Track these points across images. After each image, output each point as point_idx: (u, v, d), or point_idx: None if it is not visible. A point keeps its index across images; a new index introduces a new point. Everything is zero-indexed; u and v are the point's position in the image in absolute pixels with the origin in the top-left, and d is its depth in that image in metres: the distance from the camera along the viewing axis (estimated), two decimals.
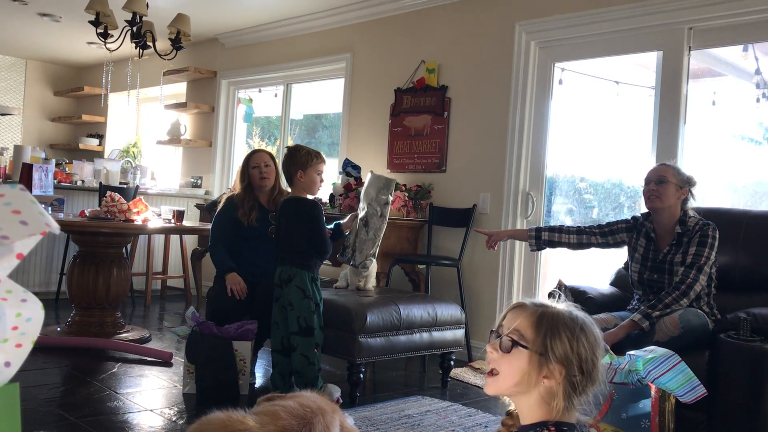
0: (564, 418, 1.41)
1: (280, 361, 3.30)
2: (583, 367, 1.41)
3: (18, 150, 5.74)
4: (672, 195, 3.03)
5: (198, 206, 6.41)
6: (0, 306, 0.85)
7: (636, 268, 3.16)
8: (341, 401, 3.23)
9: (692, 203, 3.11)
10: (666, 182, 3.03)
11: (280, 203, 3.40)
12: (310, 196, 3.36)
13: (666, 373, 2.31)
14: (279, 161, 3.86)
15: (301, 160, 3.28)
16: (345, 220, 3.61)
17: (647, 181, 3.10)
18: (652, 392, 2.37)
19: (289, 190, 3.53)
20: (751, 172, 4.16)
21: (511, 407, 1.53)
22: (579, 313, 1.47)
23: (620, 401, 2.33)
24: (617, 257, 3.79)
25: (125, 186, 6.01)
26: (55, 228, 0.80)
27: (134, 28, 4.65)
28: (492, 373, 1.46)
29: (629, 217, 3.29)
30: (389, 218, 4.58)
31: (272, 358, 3.34)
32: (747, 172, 4.17)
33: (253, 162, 3.79)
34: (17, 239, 0.75)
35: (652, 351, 2.40)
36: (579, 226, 3.33)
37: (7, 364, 0.90)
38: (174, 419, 2.95)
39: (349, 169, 5.10)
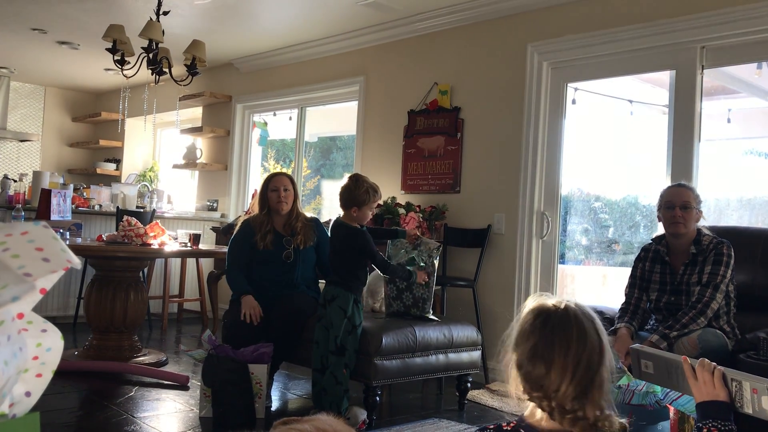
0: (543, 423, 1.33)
1: (319, 380, 3.30)
2: (534, 351, 1.31)
3: (37, 176, 5.83)
4: (694, 220, 3.03)
5: (214, 229, 6.45)
6: (21, 336, 0.87)
7: (654, 297, 3.12)
8: (367, 422, 3.22)
9: (702, 221, 3.10)
10: (690, 208, 3.01)
11: (331, 226, 3.49)
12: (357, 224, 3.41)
13: (685, 394, 2.28)
14: (299, 184, 3.96)
15: (360, 198, 3.33)
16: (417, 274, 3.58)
17: (671, 205, 3.02)
18: (671, 414, 2.34)
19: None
20: None
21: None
22: (571, 306, 1.36)
23: (638, 423, 2.31)
24: None
25: (142, 210, 6.07)
26: (77, 264, 0.81)
27: (150, 55, 4.72)
28: None
29: (639, 252, 3.24)
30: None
31: (312, 377, 3.35)
32: (764, 189, 4.14)
33: (273, 185, 3.83)
34: (40, 276, 0.77)
35: None
36: (632, 304, 3.16)
37: (28, 394, 0.91)
38: None
39: None
